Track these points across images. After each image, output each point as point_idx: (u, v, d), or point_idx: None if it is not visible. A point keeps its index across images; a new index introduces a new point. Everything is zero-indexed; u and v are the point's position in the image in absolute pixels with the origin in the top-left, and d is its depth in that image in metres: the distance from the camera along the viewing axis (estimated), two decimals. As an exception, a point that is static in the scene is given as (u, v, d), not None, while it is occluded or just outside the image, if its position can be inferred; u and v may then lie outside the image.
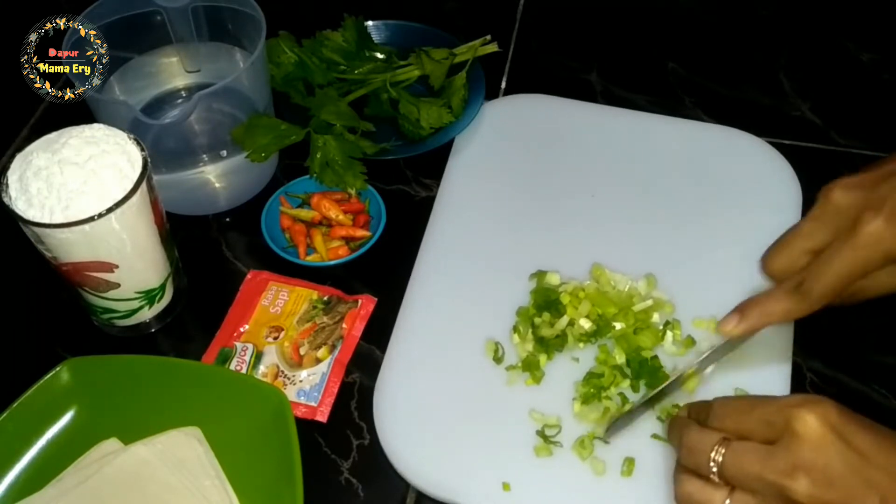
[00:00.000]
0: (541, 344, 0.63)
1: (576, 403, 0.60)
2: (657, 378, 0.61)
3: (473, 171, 0.75)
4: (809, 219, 0.54)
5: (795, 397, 0.46)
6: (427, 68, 0.76)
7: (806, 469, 0.43)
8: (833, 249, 0.52)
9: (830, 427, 0.44)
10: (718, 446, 0.46)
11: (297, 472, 0.54)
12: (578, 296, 0.64)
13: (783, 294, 0.54)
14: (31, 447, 0.58)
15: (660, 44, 0.87)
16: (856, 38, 0.86)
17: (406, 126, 0.76)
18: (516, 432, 0.59)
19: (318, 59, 0.78)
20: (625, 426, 0.59)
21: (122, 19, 0.69)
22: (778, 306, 0.54)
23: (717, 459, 0.46)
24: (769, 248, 0.56)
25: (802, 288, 0.53)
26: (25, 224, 0.55)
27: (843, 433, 0.44)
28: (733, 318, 0.56)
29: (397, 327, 0.65)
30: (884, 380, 0.63)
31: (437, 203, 0.73)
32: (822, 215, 0.53)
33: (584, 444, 0.58)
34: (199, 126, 0.69)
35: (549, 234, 0.70)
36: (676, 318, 0.64)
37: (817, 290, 0.52)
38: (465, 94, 0.77)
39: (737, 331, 0.56)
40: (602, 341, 0.63)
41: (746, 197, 0.71)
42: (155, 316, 0.66)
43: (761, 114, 0.80)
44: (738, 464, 0.46)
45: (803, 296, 0.53)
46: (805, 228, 0.54)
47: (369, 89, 0.78)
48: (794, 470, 0.43)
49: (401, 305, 0.66)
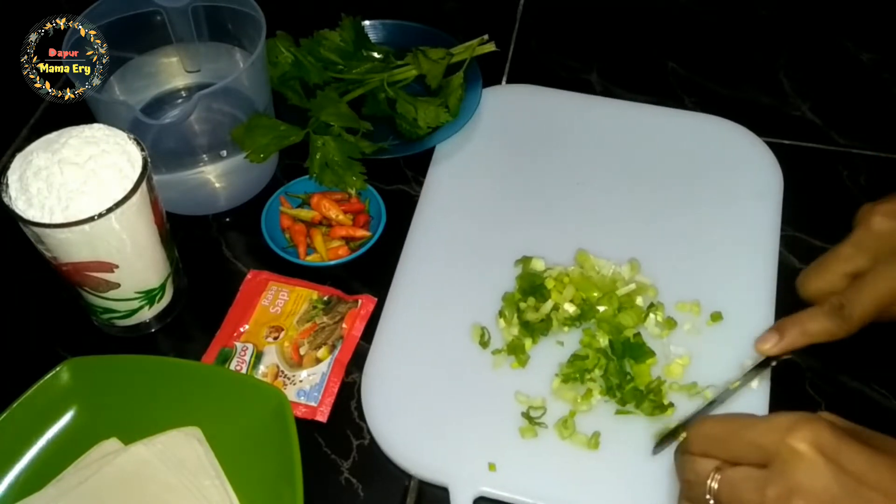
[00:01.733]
0: (526, 328, 0.63)
1: (556, 380, 0.61)
2: (642, 354, 0.61)
3: (460, 161, 0.75)
4: (849, 244, 0.56)
5: (784, 418, 0.45)
6: (424, 68, 0.77)
7: (802, 493, 0.43)
8: (875, 274, 0.54)
9: (823, 450, 0.43)
10: (714, 473, 0.46)
11: (297, 472, 0.54)
12: (563, 281, 0.65)
13: (823, 315, 0.56)
14: (31, 447, 0.58)
15: (660, 44, 0.87)
16: (856, 38, 0.86)
17: (403, 126, 0.76)
18: (502, 414, 0.60)
19: (314, 58, 0.78)
20: (671, 442, 0.57)
21: (122, 19, 0.69)
22: (818, 327, 0.56)
23: (712, 487, 0.46)
24: (806, 270, 0.58)
25: (843, 311, 0.54)
26: (25, 224, 0.55)
27: (837, 455, 0.43)
28: (772, 337, 0.57)
29: (384, 316, 0.66)
30: (884, 380, 0.63)
31: (423, 194, 0.73)
32: (862, 241, 0.55)
33: (566, 425, 0.59)
34: (199, 126, 0.69)
35: (536, 221, 0.71)
36: (660, 300, 0.65)
37: (858, 313, 0.54)
38: (462, 94, 0.77)
39: (775, 350, 0.57)
40: (586, 325, 0.64)
41: (729, 184, 0.73)
42: (155, 316, 0.66)
43: (761, 114, 0.80)
44: (732, 492, 0.45)
45: (844, 318, 0.55)
46: (845, 252, 0.56)
47: (367, 89, 0.78)
48: (791, 494, 0.43)
49: (387, 296, 0.67)
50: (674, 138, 0.76)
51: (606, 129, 0.77)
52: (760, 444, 0.45)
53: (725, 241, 0.68)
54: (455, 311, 0.65)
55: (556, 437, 0.59)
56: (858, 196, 0.73)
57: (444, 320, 0.65)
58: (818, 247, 0.68)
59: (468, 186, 0.73)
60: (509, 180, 0.74)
